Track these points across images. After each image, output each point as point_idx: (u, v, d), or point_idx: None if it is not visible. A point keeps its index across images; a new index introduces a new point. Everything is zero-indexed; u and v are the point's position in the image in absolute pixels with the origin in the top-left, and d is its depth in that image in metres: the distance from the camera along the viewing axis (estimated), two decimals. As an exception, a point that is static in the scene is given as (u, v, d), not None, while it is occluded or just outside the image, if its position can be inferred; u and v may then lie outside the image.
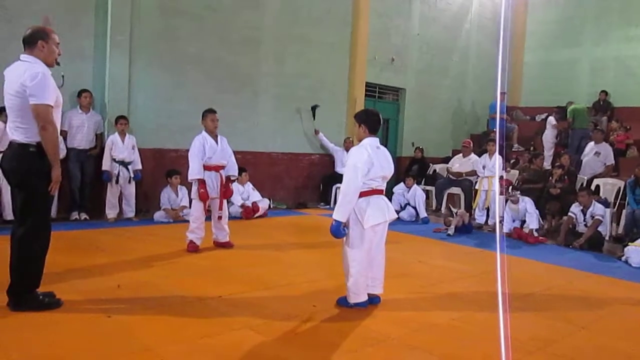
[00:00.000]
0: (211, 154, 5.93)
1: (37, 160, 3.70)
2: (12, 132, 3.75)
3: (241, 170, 8.69)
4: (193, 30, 8.74)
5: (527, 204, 8.05)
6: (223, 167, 6.09)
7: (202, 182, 5.91)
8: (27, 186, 3.72)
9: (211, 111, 6.06)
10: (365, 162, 4.06)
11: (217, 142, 6.02)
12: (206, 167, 5.95)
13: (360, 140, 4.30)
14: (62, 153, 7.12)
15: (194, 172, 5.88)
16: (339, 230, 4.04)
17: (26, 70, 3.65)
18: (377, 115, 4.35)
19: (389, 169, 4.31)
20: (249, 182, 8.86)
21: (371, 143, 4.21)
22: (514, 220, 8.21)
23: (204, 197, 5.93)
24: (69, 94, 7.56)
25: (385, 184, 4.33)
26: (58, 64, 3.92)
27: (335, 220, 4.03)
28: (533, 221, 7.94)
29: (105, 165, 7.47)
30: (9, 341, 3.30)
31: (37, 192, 3.72)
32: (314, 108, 10.34)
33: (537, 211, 8.12)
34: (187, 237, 5.99)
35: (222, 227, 6.20)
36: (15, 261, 3.75)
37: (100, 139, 7.75)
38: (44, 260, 3.85)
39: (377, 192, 4.22)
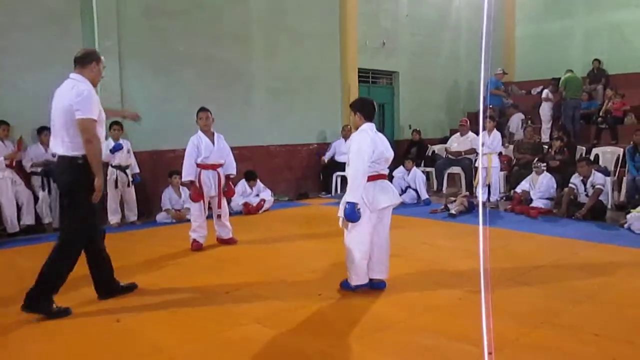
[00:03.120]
0: (207, 153, 5.91)
1: (83, 172, 3.92)
2: (59, 146, 3.98)
3: (252, 174, 8.72)
4: (181, 30, 8.71)
5: (547, 178, 8.21)
6: (220, 166, 6.07)
7: (193, 184, 5.93)
8: (72, 196, 3.97)
9: (202, 110, 6.02)
10: (369, 145, 4.13)
11: (213, 140, 5.98)
12: (203, 166, 5.94)
13: (357, 128, 4.35)
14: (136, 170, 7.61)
15: (185, 173, 5.94)
16: (354, 213, 4.03)
17: (73, 87, 3.93)
18: (372, 103, 4.45)
19: (388, 152, 4.37)
20: (258, 181, 8.88)
21: (370, 128, 4.30)
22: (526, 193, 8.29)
23: (195, 198, 5.99)
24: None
25: (387, 169, 4.39)
26: None
27: (349, 203, 4.04)
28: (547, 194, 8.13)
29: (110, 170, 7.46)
30: (20, 349, 3.34)
31: (79, 201, 3.95)
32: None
33: (553, 187, 8.17)
34: (190, 236, 6.03)
35: (223, 225, 6.21)
36: (48, 260, 3.92)
37: (97, 145, 7.75)
38: (70, 268, 3.98)
39: (382, 176, 4.28)
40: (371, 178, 4.17)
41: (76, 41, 7.69)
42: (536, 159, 8.59)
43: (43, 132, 7.10)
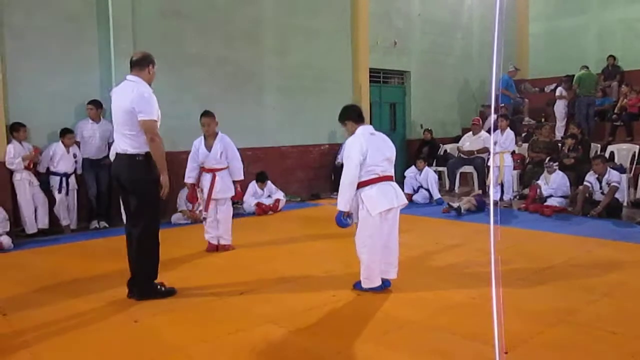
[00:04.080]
0: (203, 158, 5.90)
1: (146, 168, 4.21)
2: (121, 144, 4.23)
3: (263, 176, 8.75)
4: (194, 31, 8.78)
5: (560, 176, 8.15)
6: (219, 170, 5.91)
7: (191, 186, 5.95)
8: (140, 192, 4.24)
9: (203, 114, 5.95)
10: (358, 151, 4.16)
11: (211, 145, 5.88)
12: (203, 169, 5.94)
13: (352, 133, 4.40)
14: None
15: (186, 175, 5.97)
16: (341, 220, 4.19)
17: (134, 90, 4.14)
18: (353, 106, 4.59)
19: (389, 151, 4.37)
20: (269, 182, 8.90)
21: (364, 131, 4.33)
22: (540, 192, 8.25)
23: (190, 200, 6.10)
24: (77, 104, 7.67)
25: (392, 169, 4.38)
26: None
27: (338, 211, 4.18)
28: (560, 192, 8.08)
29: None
30: (39, 350, 3.40)
31: (149, 196, 4.24)
32: None
33: (567, 185, 8.11)
34: (205, 237, 6.07)
35: (216, 228, 6.03)
36: (136, 257, 4.29)
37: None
38: (159, 253, 4.40)
39: (383, 178, 4.27)
40: (371, 181, 4.20)
41: (92, 43, 7.81)
42: (548, 158, 8.52)
43: (66, 134, 7.24)
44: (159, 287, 4.37)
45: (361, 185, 4.21)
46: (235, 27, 9.29)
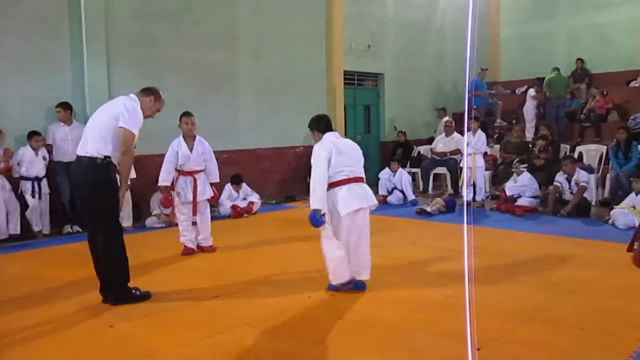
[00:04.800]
0: (184, 161, 5.83)
1: (102, 171, 4.15)
2: (88, 145, 4.16)
3: (238, 178, 8.72)
4: (169, 33, 8.72)
5: (527, 178, 8.29)
6: (199, 172, 5.93)
7: (166, 189, 5.83)
8: (101, 196, 4.18)
9: (186, 114, 5.95)
10: (323, 149, 4.33)
11: (192, 147, 5.87)
12: (181, 172, 5.89)
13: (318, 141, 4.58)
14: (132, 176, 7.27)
15: (162, 178, 5.83)
16: (315, 218, 4.20)
17: (126, 101, 4.27)
18: (324, 117, 4.75)
19: (354, 152, 4.53)
20: (244, 184, 8.87)
21: (329, 137, 4.51)
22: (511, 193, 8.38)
23: (165, 204, 6.07)
24: (48, 107, 7.54)
25: (361, 170, 4.50)
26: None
27: (312, 209, 4.22)
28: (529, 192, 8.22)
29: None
30: (13, 355, 3.34)
31: (109, 200, 4.19)
32: None
33: (536, 185, 8.27)
34: (181, 241, 6.03)
35: (199, 232, 6.05)
36: (104, 263, 4.23)
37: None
38: (127, 256, 4.34)
39: (353, 180, 4.38)
40: (341, 182, 4.32)
41: (64, 45, 7.70)
42: (516, 160, 8.68)
43: (33, 137, 7.08)
44: (133, 291, 4.33)
45: (332, 186, 4.30)
46: (211, 29, 9.26)
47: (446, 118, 11.72)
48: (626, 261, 5.18)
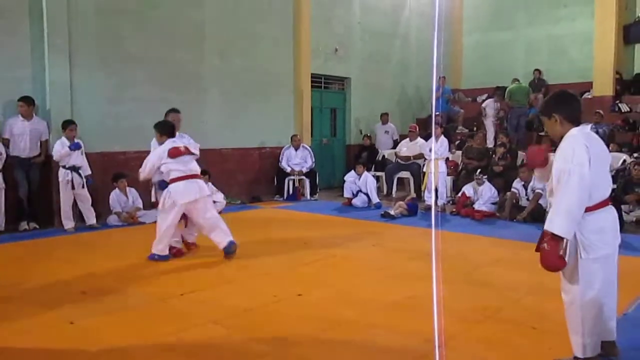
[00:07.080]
0: None
1: None
2: None
3: (203, 172, 8.63)
4: (134, 29, 8.60)
5: (487, 187, 8.52)
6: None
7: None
8: None
9: (173, 110, 5.97)
10: (155, 154, 5.43)
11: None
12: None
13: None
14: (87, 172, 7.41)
15: (156, 175, 5.76)
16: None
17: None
18: (164, 122, 5.72)
19: (194, 149, 5.61)
20: (209, 183, 8.78)
21: (172, 139, 5.51)
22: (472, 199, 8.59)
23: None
24: (6, 101, 7.34)
25: (196, 168, 5.57)
26: None
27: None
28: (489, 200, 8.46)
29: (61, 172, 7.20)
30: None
31: None
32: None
33: (495, 194, 8.52)
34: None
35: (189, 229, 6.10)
36: None
37: (45, 146, 7.54)
38: None
39: (188, 177, 5.42)
40: (179, 179, 5.37)
41: (24, 39, 7.51)
42: (478, 170, 8.92)
43: None
44: None
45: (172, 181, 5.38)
46: (178, 27, 9.18)
47: (391, 124, 12.49)
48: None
